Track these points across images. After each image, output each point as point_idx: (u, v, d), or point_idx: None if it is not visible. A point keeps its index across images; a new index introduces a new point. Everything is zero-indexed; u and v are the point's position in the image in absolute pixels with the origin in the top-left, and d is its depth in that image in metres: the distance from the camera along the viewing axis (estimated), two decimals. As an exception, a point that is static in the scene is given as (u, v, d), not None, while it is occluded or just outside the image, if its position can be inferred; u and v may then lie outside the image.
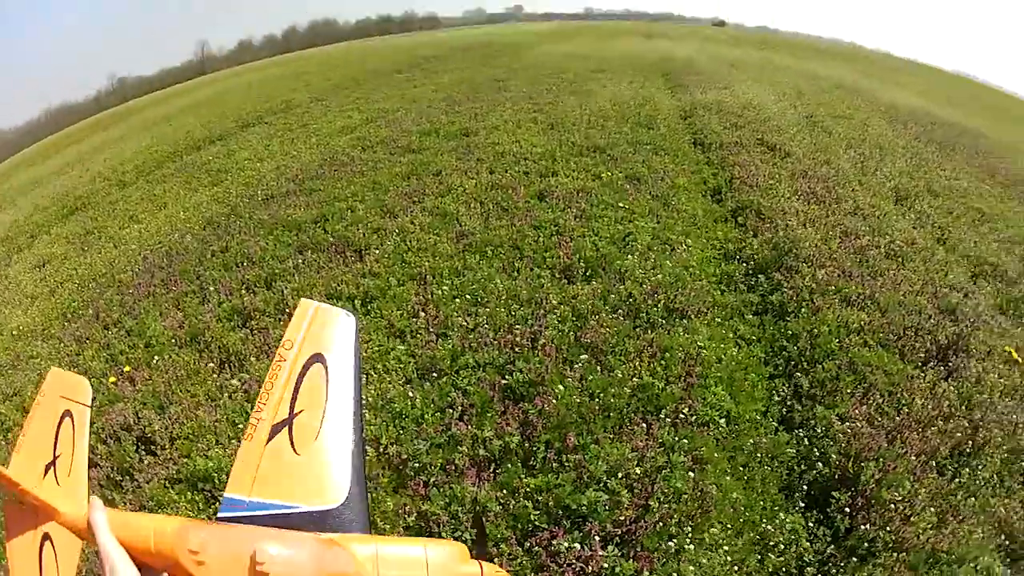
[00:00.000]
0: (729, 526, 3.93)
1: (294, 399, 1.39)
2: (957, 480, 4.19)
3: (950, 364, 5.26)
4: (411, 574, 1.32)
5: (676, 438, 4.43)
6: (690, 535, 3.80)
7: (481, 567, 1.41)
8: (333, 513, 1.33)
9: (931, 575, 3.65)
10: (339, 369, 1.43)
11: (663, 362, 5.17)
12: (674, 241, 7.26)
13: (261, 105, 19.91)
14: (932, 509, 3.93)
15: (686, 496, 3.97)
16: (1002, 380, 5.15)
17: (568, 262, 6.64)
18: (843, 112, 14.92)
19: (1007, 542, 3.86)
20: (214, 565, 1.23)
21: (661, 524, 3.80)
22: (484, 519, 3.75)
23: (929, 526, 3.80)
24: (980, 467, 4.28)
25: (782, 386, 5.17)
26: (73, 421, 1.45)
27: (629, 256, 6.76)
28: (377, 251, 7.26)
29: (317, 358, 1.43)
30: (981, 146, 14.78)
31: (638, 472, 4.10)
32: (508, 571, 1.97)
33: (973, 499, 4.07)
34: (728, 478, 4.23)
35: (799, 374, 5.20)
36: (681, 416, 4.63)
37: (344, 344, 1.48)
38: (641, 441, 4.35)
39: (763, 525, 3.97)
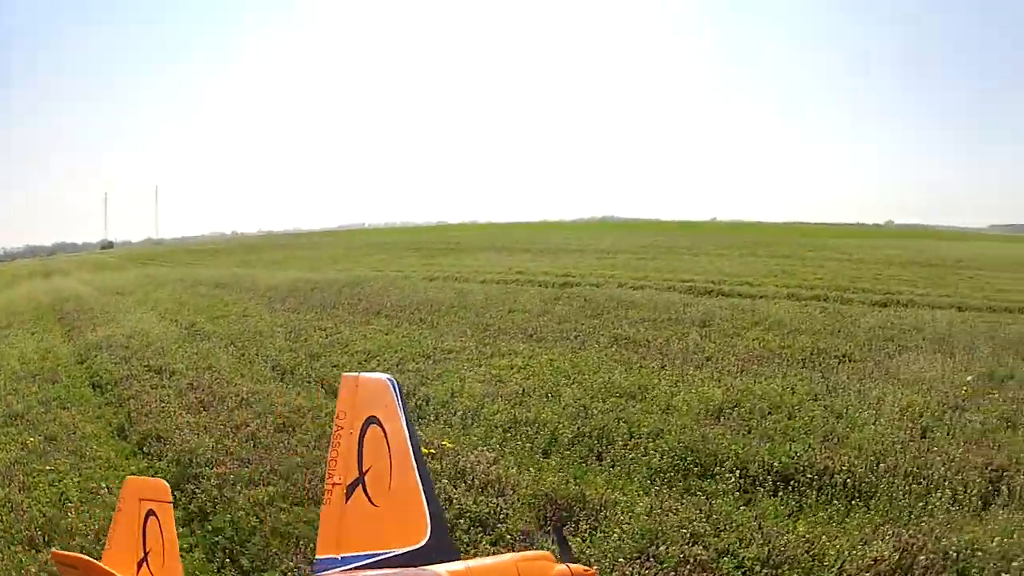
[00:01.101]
0: None
1: (360, 459, 1.39)
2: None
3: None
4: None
5: None
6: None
7: (569, 569, 1.43)
8: (422, 551, 1.34)
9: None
10: (393, 425, 1.49)
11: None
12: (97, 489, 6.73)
13: None
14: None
15: None
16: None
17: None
18: (222, 311, 16.34)
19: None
20: None
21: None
22: (563, 525, 3.48)
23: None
24: None
25: None
26: (159, 519, 1.49)
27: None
28: None
29: (371, 420, 1.48)
30: (364, 292, 17.38)
31: None
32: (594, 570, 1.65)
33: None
34: None
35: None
36: None
37: (391, 403, 1.55)
38: None
39: None
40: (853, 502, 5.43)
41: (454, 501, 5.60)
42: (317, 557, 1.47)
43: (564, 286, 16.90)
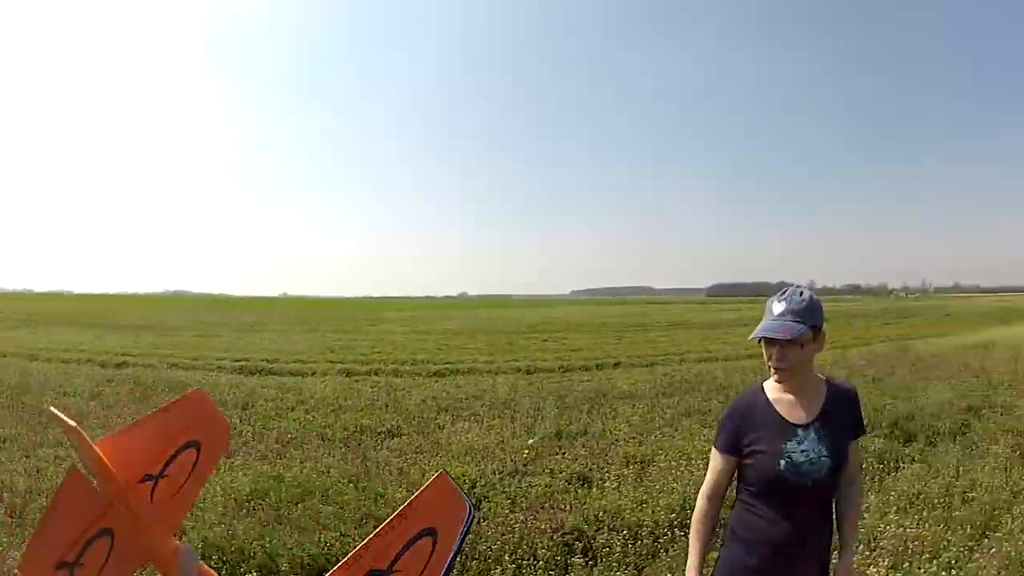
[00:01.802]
0: None
1: (398, 557, 1.26)
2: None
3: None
4: None
5: None
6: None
7: None
8: None
9: None
10: (443, 550, 1.35)
11: None
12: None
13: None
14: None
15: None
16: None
17: None
18: None
19: None
20: None
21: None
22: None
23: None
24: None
25: None
26: (199, 456, 1.23)
27: None
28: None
29: (430, 532, 1.34)
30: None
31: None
32: None
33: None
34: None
35: None
36: None
37: (455, 530, 1.39)
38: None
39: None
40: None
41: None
42: None
43: (120, 366, 15.36)
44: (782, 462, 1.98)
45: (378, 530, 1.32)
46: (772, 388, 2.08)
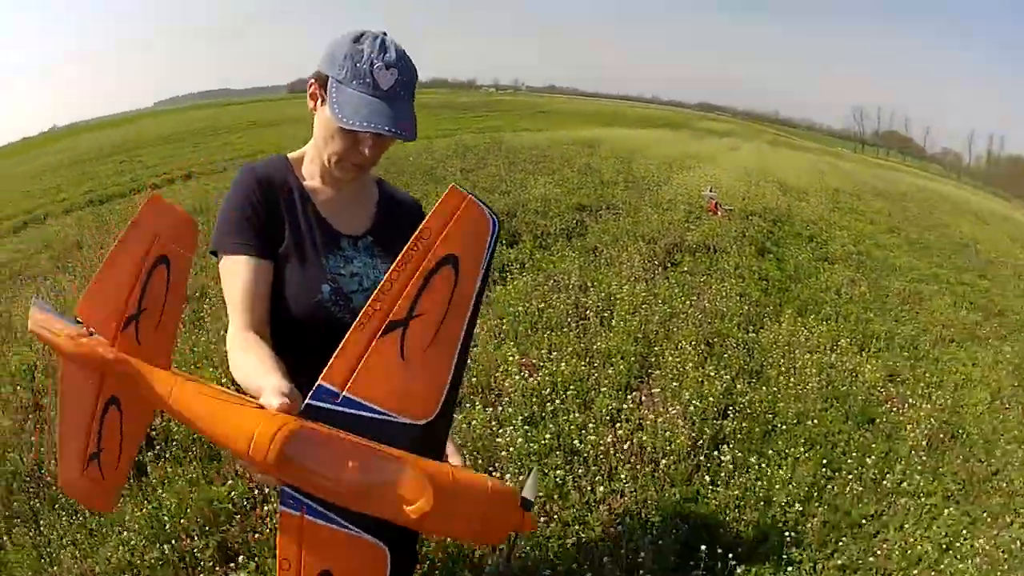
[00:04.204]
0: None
1: (416, 299, 1.05)
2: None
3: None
4: (473, 499, 1.04)
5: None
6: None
7: (522, 518, 1.13)
8: (422, 429, 1.05)
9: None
10: (468, 277, 1.12)
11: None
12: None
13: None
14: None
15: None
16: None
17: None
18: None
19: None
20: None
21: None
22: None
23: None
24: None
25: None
26: (169, 270, 1.09)
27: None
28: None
29: (450, 259, 1.10)
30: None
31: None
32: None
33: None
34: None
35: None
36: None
37: (479, 250, 1.15)
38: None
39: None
40: None
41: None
42: (320, 381, 0.98)
43: None
44: (325, 286, 1.34)
45: (387, 275, 1.04)
46: (311, 176, 1.40)
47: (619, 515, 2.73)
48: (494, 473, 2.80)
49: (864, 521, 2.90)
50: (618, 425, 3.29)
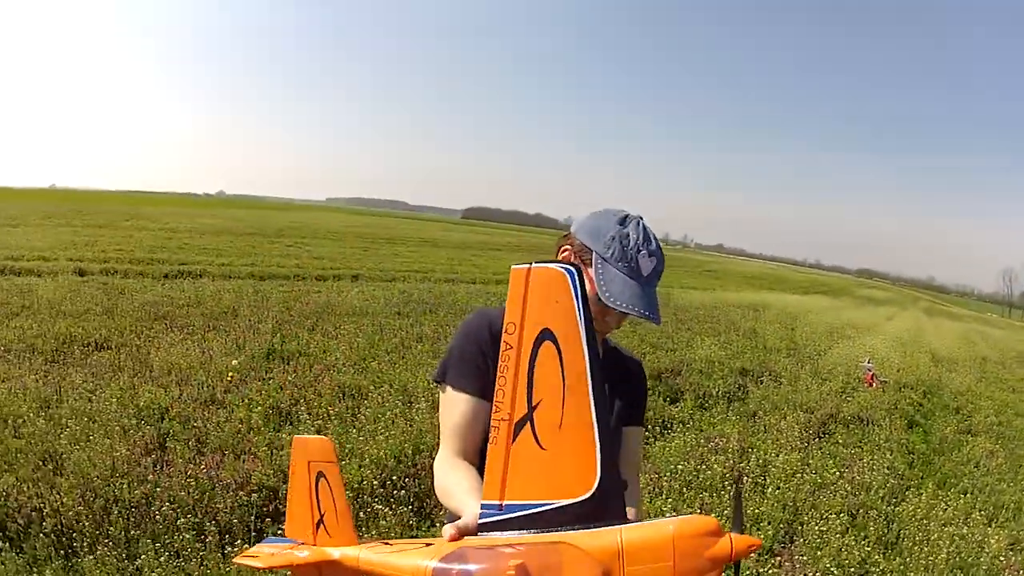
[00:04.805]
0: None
1: (531, 390, 1.08)
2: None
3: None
4: (656, 566, 1.01)
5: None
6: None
7: (731, 541, 1.07)
8: (585, 505, 1.07)
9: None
10: (569, 339, 1.10)
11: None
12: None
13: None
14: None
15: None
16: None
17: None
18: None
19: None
20: None
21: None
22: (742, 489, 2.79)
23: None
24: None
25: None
26: (328, 480, 1.33)
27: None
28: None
29: (545, 335, 1.10)
30: None
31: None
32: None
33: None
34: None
35: None
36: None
37: (568, 306, 1.10)
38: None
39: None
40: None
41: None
42: (482, 502, 1.09)
43: None
44: None
45: (496, 386, 1.10)
46: None
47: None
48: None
49: None
50: (759, 589, 3.73)
